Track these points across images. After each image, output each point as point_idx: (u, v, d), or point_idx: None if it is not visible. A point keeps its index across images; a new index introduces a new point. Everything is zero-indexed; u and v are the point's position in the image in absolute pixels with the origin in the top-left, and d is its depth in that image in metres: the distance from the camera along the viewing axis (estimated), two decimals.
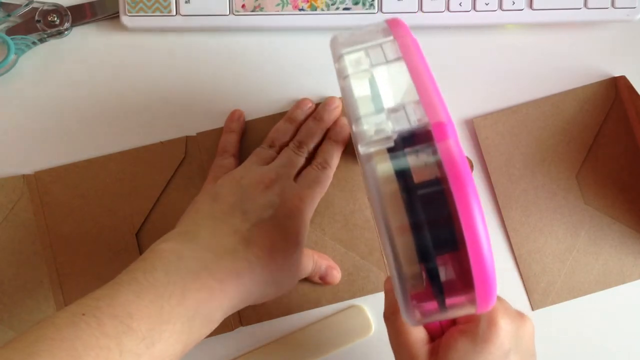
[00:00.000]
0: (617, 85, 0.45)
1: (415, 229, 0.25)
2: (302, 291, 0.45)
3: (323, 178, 0.42)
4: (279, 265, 0.37)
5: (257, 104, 0.46)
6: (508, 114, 0.46)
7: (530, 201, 0.45)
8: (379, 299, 0.45)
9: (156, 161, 0.45)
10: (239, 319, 0.45)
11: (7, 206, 0.44)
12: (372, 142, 0.26)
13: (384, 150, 0.26)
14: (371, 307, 0.45)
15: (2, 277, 0.44)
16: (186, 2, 0.44)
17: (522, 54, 0.46)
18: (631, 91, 0.44)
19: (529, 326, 0.32)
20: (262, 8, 0.44)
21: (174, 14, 0.44)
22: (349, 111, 0.29)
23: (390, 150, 0.26)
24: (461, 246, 0.24)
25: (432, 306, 0.26)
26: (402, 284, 0.25)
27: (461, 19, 0.44)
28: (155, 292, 0.32)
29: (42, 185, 0.45)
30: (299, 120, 0.44)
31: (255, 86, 0.46)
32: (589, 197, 0.45)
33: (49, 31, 0.45)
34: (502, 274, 0.45)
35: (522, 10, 0.44)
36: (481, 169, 0.46)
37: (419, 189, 0.25)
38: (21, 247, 0.44)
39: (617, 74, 0.46)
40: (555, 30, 0.46)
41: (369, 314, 0.45)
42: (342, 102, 0.41)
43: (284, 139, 0.43)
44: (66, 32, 0.46)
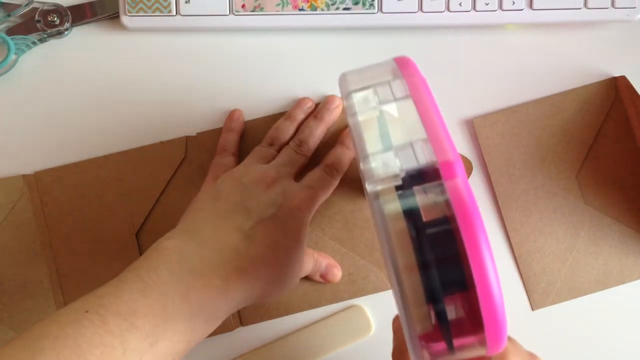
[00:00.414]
0: (617, 85, 0.45)
1: (423, 268, 0.24)
2: (302, 291, 0.45)
3: (329, 182, 0.41)
4: (281, 263, 0.37)
5: (257, 104, 0.46)
6: (508, 114, 0.46)
7: (530, 201, 0.45)
8: (379, 299, 0.45)
9: (156, 161, 0.45)
10: (239, 319, 0.45)
11: (7, 206, 0.44)
12: (379, 180, 0.26)
13: (392, 188, 0.26)
14: (371, 307, 0.45)
15: (2, 277, 0.44)
16: (186, 2, 0.44)
17: (522, 54, 0.46)
18: (631, 91, 0.44)
19: None
20: (262, 8, 0.44)
21: (174, 14, 0.45)
22: (357, 149, 0.29)
23: (398, 188, 0.26)
24: (470, 286, 0.24)
25: (441, 347, 0.26)
26: (410, 325, 0.25)
27: (461, 19, 0.44)
28: (159, 290, 0.32)
29: (42, 185, 0.45)
30: (299, 119, 0.44)
31: (255, 86, 0.46)
32: (589, 197, 0.45)
33: (49, 31, 0.45)
34: (502, 274, 0.45)
35: (522, 10, 0.44)
36: (481, 169, 0.46)
37: (427, 227, 0.25)
38: (21, 247, 0.44)
39: (617, 74, 0.46)
40: (555, 30, 0.46)
41: (369, 314, 0.45)
42: (351, 139, 0.41)
43: (284, 137, 0.43)
44: (66, 32, 0.46)
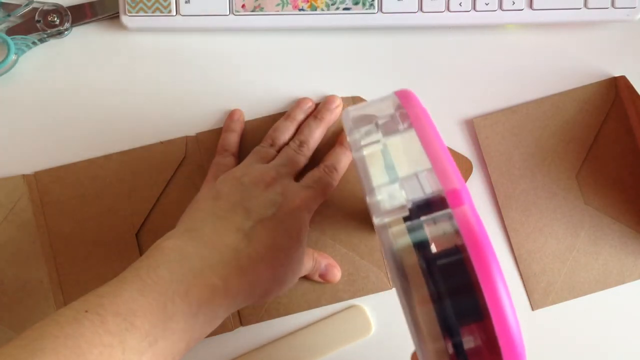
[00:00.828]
0: (617, 85, 0.45)
1: (437, 301, 0.24)
2: (302, 291, 0.45)
3: (328, 182, 0.42)
4: (281, 263, 0.37)
5: (257, 104, 0.46)
6: (508, 114, 0.45)
7: (530, 201, 0.45)
8: (379, 299, 0.45)
9: (156, 161, 0.45)
10: (239, 319, 0.45)
11: (7, 206, 0.44)
12: (386, 213, 0.26)
13: (399, 219, 0.26)
14: (371, 307, 0.45)
15: (2, 277, 0.44)
16: (186, 2, 0.44)
17: (521, 54, 0.46)
18: (631, 91, 0.44)
19: None
20: (262, 8, 0.44)
21: (174, 14, 0.45)
22: (363, 183, 0.29)
23: (406, 220, 0.26)
24: (485, 316, 0.24)
25: None
26: (427, 359, 0.25)
27: (461, 19, 0.44)
28: (158, 289, 0.31)
29: (42, 185, 0.45)
30: (299, 119, 0.44)
31: (255, 86, 0.46)
32: (589, 197, 0.45)
33: (49, 31, 0.45)
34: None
35: (522, 10, 0.44)
36: (481, 169, 0.46)
37: (437, 258, 0.25)
38: (21, 247, 0.44)
39: (617, 74, 0.46)
40: (555, 30, 0.46)
41: (369, 314, 0.45)
42: (357, 172, 0.42)
43: (283, 137, 0.43)
44: (66, 32, 0.46)
